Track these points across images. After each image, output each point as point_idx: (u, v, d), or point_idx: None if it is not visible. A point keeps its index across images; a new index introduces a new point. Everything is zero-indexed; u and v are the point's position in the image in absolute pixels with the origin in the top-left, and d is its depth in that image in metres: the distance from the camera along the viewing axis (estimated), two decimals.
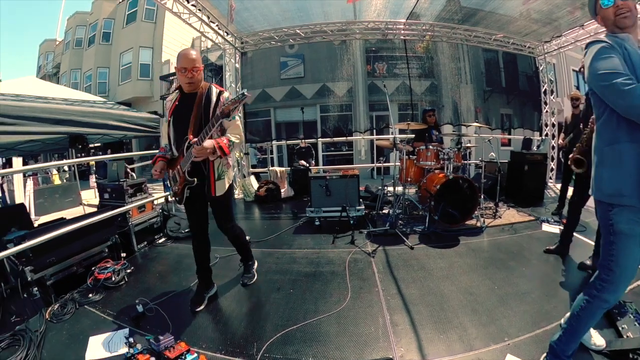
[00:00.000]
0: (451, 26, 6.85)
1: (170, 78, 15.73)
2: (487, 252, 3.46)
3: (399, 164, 4.60)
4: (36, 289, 2.64)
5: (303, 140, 7.53)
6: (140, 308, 2.44)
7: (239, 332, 2.23)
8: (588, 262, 2.90)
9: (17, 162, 6.92)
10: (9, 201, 8.03)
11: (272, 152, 11.15)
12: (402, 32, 7.17)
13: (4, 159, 8.30)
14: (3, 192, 8.21)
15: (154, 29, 16.57)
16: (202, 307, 2.54)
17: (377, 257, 3.35)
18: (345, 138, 8.98)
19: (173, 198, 2.52)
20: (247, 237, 3.10)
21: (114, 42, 17.67)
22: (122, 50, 16.99)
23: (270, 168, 7.33)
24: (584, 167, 2.63)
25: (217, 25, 6.38)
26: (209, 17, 6.04)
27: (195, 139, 2.19)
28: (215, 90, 2.34)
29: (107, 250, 3.42)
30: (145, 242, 4.08)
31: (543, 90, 7.56)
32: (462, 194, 4.20)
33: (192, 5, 5.59)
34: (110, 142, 6.65)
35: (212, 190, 2.40)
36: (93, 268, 3.05)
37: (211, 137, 2.21)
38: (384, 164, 5.51)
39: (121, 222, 3.79)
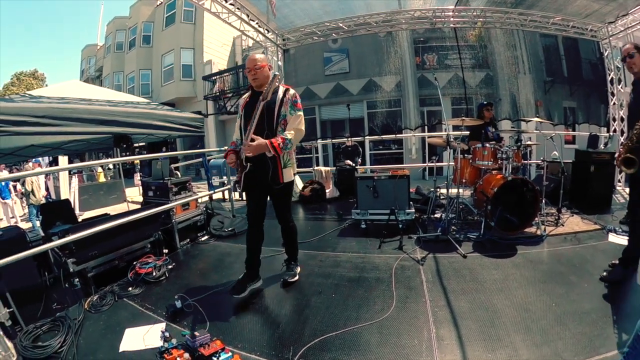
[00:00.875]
0: (504, 10, 6.51)
1: (213, 78, 16.46)
2: (546, 264, 3.24)
3: (453, 163, 4.42)
4: (77, 279, 2.91)
5: (349, 139, 7.47)
6: (178, 304, 2.57)
7: (276, 334, 2.27)
8: None
9: (62, 160, 7.64)
10: (54, 197, 8.91)
11: (317, 152, 11.23)
12: (452, 19, 6.92)
13: (50, 158, 9.22)
14: (47, 188, 9.11)
15: (194, 30, 17.49)
16: (241, 296, 2.65)
17: (427, 265, 3.25)
18: (394, 135, 8.69)
19: (236, 185, 2.78)
20: None
21: (154, 44, 18.91)
22: (163, 52, 18.14)
23: (315, 168, 7.39)
24: (635, 166, 2.43)
25: (257, 23, 6.57)
26: (248, 16, 6.24)
27: (247, 140, 2.46)
28: (282, 88, 2.64)
29: (149, 246, 3.66)
30: (188, 240, 4.30)
31: (609, 79, 6.87)
32: (522, 198, 3.95)
33: (230, 4, 5.80)
34: (155, 142, 7.10)
35: (279, 178, 2.64)
36: (135, 262, 3.27)
37: (272, 130, 2.55)
38: (437, 164, 5.30)
39: (165, 219, 4.03)
